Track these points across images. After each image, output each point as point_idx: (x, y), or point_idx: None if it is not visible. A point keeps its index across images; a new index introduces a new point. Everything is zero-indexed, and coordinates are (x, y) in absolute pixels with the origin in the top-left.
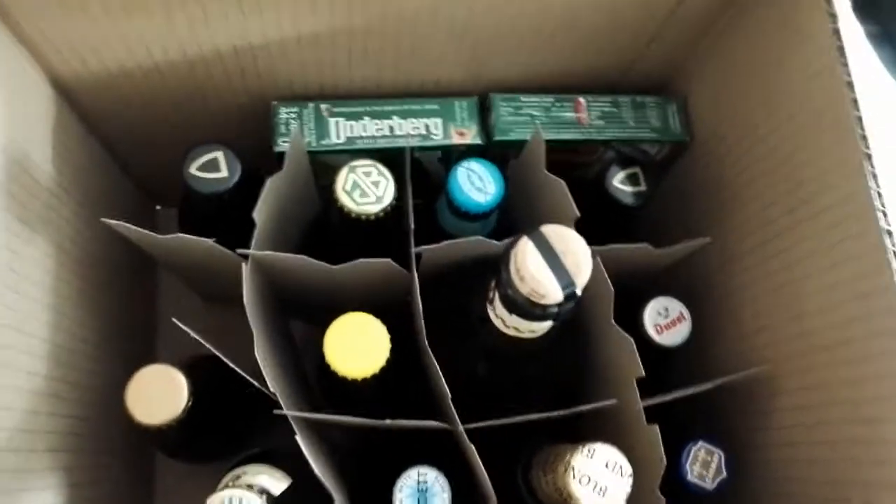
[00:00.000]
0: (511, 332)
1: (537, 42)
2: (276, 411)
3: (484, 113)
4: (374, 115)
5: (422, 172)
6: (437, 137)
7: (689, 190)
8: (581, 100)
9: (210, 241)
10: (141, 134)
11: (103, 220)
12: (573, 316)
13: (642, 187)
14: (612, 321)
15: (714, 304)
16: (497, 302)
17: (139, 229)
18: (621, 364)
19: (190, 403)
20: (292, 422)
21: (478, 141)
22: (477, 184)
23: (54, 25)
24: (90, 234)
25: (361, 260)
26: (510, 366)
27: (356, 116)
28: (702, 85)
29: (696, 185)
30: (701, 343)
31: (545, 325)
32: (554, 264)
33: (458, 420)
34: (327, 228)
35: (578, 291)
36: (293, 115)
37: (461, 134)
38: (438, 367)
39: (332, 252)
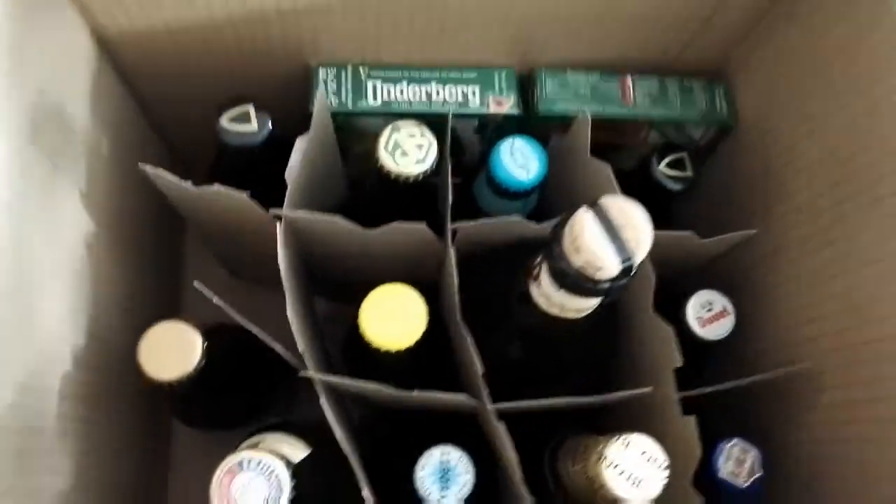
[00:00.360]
0: (554, 311)
1: (585, 25)
2: (302, 373)
3: (527, 88)
4: (413, 80)
5: (457, 146)
6: (474, 105)
7: (732, 180)
8: (628, 78)
9: (245, 195)
10: (177, 94)
11: (141, 165)
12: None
13: (688, 173)
14: (653, 310)
15: (756, 297)
16: (544, 277)
17: (175, 178)
18: (659, 354)
19: (203, 362)
20: (317, 386)
21: (515, 111)
22: (520, 161)
23: None
24: (121, 189)
25: (396, 223)
26: (546, 348)
27: (394, 80)
28: (752, 72)
29: (741, 175)
30: (741, 336)
31: (592, 304)
32: (613, 236)
33: (488, 397)
34: (356, 196)
35: (635, 266)
36: (332, 77)
37: (499, 103)
38: (472, 342)
39: (363, 220)
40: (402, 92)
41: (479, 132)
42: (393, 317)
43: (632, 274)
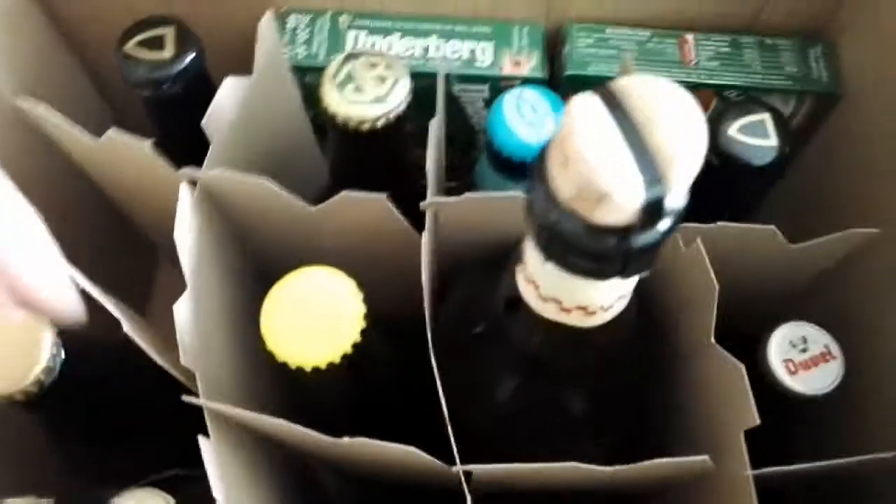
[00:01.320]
0: (549, 314)
1: None
2: (184, 398)
3: (554, 46)
4: (407, 33)
5: (461, 124)
6: (484, 65)
7: (835, 173)
8: (688, 37)
9: (146, 144)
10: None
11: (19, 101)
12: (648, 322)
13: (771, 141)
14: (713, 339)
15: (870, 338)
16: (528, 248)
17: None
18: (722, 406)
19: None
20: (207, 419)
21: (538, 74)
22: (528, 116)
23: None
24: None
25: (345, 193)
26: (547, 381)
27: (382, 31)
28: (856, 33)
29: (848, 166)
30: (848, 391)
31: (603, 293)
32: (629, 141)
33: (456, 454)
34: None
35: (671, 200)
36: (304, 25)
37: (517, 63)
38: (437, 371)
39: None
40: (390, 46)
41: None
42: (309, 318)
43: (669, 216)
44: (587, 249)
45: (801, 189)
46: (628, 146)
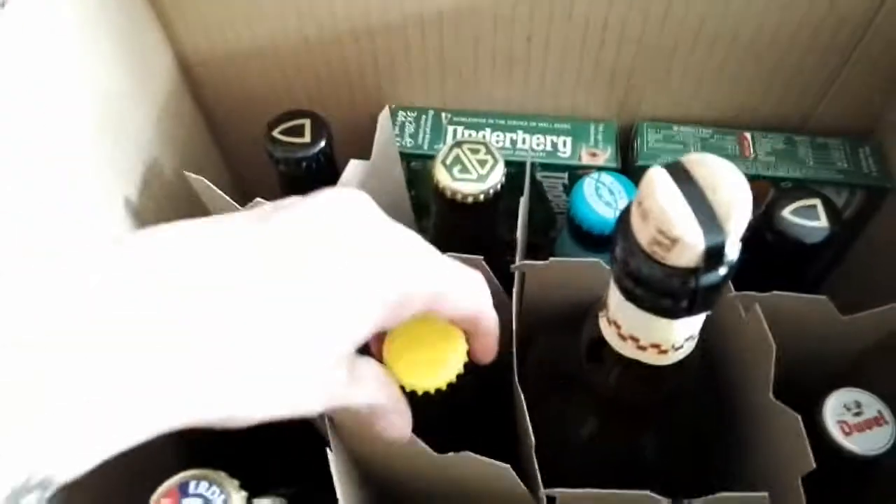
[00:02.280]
0: (629, 352)
1: (701, 75)
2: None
3: (626, 141)
4: (498, 127)
5: (542, 205)
6: (564, 155)
7: (882, 253)
8: (746, 134)
9: None
10: (249, 120)
11: (186, 173)
12: (712, 373)
13: (823, 223)
14: (772, 394)
15: None
16: (611, 292)
17: (219, 192)
18: (780, 452)
19: None
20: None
21: (612, 164)
22: (606, 198)
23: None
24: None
25: (450, 255)
26: (624, 417)
27: (477, 126)
28: None
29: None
30: None
31: (676, 330)
32: (695, 200)
33: (538, 478)
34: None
35: (729, 248)
36: (411, 120)
37: (593, 155)
38: (524, 403)
39: None
40: (484, 139)
41: (569, 191)
42: (424, 353)
43: (726, 264)
44: (662, 288)
45: (856, 271)
46: (693, 204)
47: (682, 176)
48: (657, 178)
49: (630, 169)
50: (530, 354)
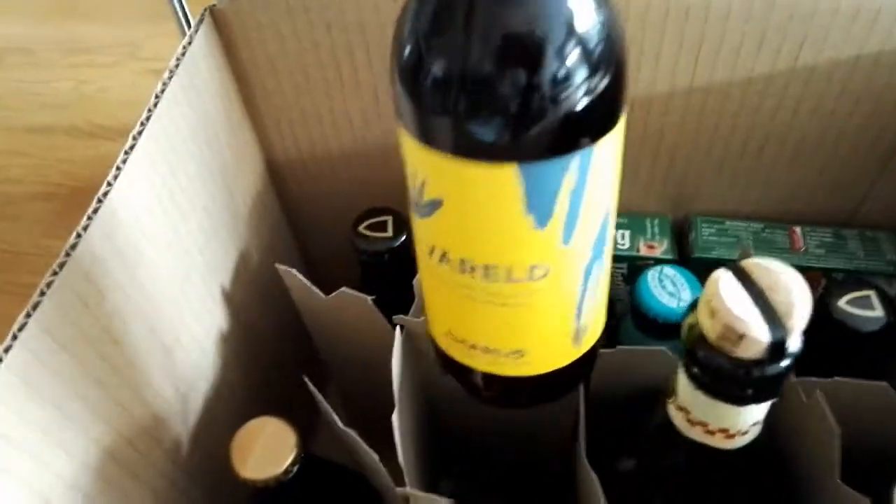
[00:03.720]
0: (696, 435)
1: (751, 177)
2: (398, 489)
3: (681, 235)
4: None
5: None
6: (623, 247)
7: None
8: (796, 228)
9: (368, 299)
10: (328, 220)
11: (278, 265)
12: (776, 459)
13: (878, 312)
14: (838, 478)
15: None
16: (680, 381)
17: (306, 281)
18: None
19: (296, 467)
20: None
21: (669, 256)
22: (669, 288)
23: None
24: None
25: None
26: (690, 496)
27: None
28: None
29: None
30: None
31: (744, 414)
32: (757, 299)
33: None
34: None
35: (791, 343)
36: None
37: (651, 247)
38: (599, 485)
39: None
40: None
41: (629, 282)
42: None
43: (789, 356)
44: (730, 378)
45: None
46: (756, 303)
47: (743, 276)
48: (722, 280)
49: (686, 260)
50: (596, 440)
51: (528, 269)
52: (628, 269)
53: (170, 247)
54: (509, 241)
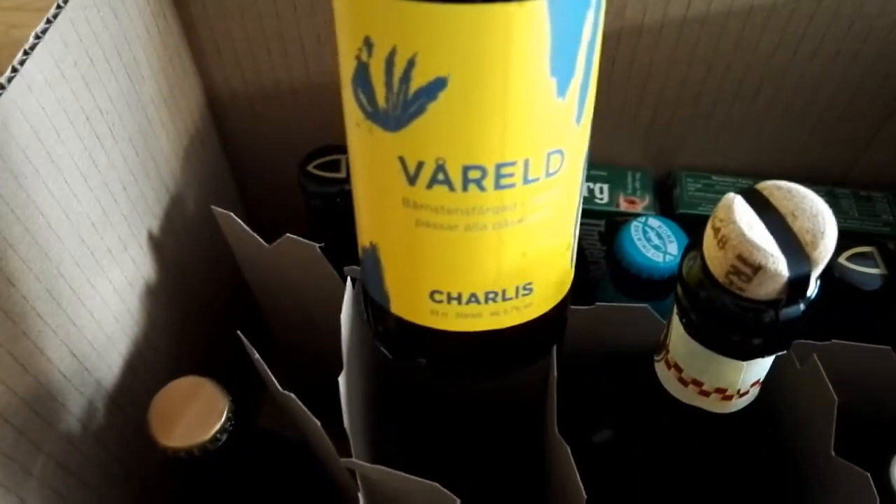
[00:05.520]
0: (688, 397)
1: (741, 126)
2: (343, 460)
3: (664, 190)
4: None
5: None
6: (601, 202)
7: None
8: None
9: (316, 246)
10: (273, 161)
11: (213, 207)
12: (772, 428)
13: (880, 269)
14: (833, 451)
15: None
16: (673, 332)
17: (245, 227)
18: None
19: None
20: (359, 480)
21: (651, 212)
22: (654, 241)
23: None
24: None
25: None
26: (678, 471)
27: None
28: None
29: None
30: None
31: (747, 370)
32: (776, 227)
33: None
34: None
35: (814, 276)
36: None
37: (631, 202)
38: (571, 455)
39: None
40: None
41: (605, 241)
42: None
43: (807, 299)
44: (737, 324)
45: None
46: (774, 231)
47: (758, 202)
48: (735, 203)
49: (667, 216)
50: (570, 404)
51: (546, 158)
52: (606, 226)
53: (87, 179)
54: (531, 120)
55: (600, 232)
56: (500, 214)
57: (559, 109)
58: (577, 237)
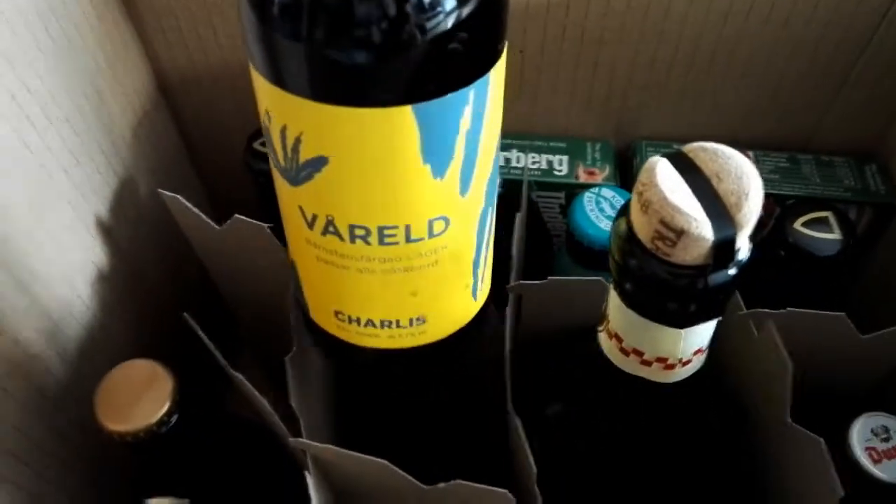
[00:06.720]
0: (630, 367)
1: (699, 95)
2: (291, 440)
3: (624, 162)
4: None
5: (536, 223)
6: (560, 174)
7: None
8: (749, 153)
9: (265, 227)
10: (226, 140)
11: (160, 191)
12: (724, 398)
13: (836, 234)
14: (789, 418)
15: None
16: (611, 301)
17: (194, 209)
18: (804, 481)
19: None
20: (308, 461)
21: (612, 183)
22: (608, 212)
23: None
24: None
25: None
26: (627, 443)
27: None
28: None
29: None
30: None
31: (685, 339)
32: (699, 189)
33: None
34: None
35: (740, 241)
36: None
37: (591, 173)
38: (522, 430)
39: None
40: None
41: (566, 212)
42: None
43: (737, 263)
44: (667, 290)
45: (869, 293)
46: (699, 194)
47: (684, 165)
48: (658, 166)
49: (628, 188)
50: (526, 380)
51: (428, 224)
52: (566, 198)
53: (17, 162)
54: (407, 197)
55: (561, 205)
56: (387, 263)
57: (438, 187)
58: (487, 266)
